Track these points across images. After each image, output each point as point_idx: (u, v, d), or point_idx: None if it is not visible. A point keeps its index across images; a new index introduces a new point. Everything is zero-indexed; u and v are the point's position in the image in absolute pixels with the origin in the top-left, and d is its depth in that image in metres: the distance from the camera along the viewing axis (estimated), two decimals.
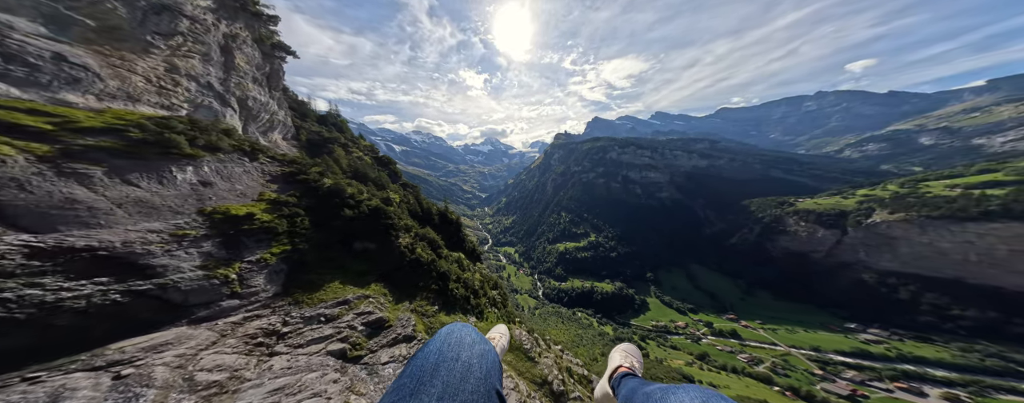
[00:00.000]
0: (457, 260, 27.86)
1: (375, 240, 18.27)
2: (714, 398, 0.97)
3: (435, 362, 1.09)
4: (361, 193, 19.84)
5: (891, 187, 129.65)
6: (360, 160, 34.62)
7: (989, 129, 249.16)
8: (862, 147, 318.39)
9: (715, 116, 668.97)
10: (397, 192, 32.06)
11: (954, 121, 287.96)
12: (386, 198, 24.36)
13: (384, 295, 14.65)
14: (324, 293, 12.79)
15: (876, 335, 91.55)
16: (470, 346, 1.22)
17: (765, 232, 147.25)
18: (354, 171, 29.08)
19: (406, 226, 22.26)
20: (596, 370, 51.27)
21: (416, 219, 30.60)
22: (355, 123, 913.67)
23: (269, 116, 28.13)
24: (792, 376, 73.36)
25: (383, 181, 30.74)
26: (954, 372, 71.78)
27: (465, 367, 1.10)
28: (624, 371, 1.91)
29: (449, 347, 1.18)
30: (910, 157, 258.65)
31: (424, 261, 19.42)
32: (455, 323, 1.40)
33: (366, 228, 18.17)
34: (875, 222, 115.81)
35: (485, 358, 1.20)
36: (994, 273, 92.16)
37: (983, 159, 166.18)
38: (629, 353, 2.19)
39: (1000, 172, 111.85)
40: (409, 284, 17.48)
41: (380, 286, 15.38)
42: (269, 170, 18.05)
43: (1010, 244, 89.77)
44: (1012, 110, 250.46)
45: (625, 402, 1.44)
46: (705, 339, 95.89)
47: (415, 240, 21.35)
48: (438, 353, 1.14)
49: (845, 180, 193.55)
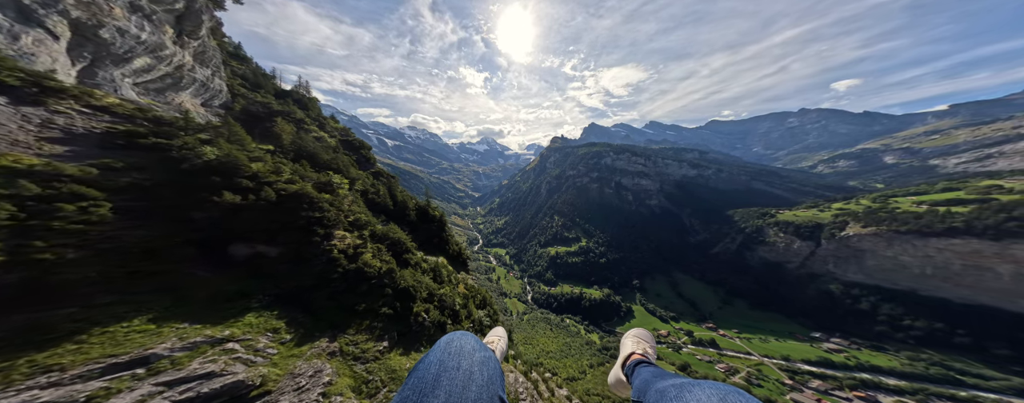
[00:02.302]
0: (433, 269, 23.42)
1: (282, 242, 12.50)
2: (733, 394, 0.95)
3: (436, 373, 1.08)
4: (276, 173, 14.19)
5: (864, 201, 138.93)
6: (320, 141, 29.51)
7: (945, 151, 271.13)
8: (833, 163, 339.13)
9: (705, 128, 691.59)
10: (363, 180, 27.34)
11: (916, 142, 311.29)
12: (324, 183, 18.12)
13: (275, 332, 9.31)
14: (84, 348, 6.25)
15: (838, 344, 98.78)
16: (471, 354, 1.20)
17: (746, 242, 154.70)
18: (298, 150, 23.58)
19: (356, 222, 16.91)
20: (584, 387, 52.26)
21: (383, 214, 26.56)
22: (347, 115, 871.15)
23: (169, 68, 20.49)
24: (764, 386, 78.28)
25: (341, 165, 25.48)
26: (904, 380, 78.90)
27: (467, 376, 1.09)
28: (637, 358, 1.90)
29: (450, 356, 1.17)
30: (874, 174, 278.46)
31: (372, 273, 13.74)
32: (455, 332, 1.39)
33: (265, 224, 12.09)
34: (848, 235, 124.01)
35: (486, 365, 1.19)
36: (945, 286, 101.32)
37: (938, 178, 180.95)
38: (641, 339, 2.19)
39: (962, 190, 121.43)
40: (340, 309, 12.29)
41: (270, 316, 9.87)
42: (75, 125, 11.31)
43: (965, 259, 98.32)
44: (968, 134, 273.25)
45: (639, 393, 1.42)
46: (685, 348, 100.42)
47: (365, 242, 15.92)
48: (439, 363, 1.13)
49: (817, 194, 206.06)
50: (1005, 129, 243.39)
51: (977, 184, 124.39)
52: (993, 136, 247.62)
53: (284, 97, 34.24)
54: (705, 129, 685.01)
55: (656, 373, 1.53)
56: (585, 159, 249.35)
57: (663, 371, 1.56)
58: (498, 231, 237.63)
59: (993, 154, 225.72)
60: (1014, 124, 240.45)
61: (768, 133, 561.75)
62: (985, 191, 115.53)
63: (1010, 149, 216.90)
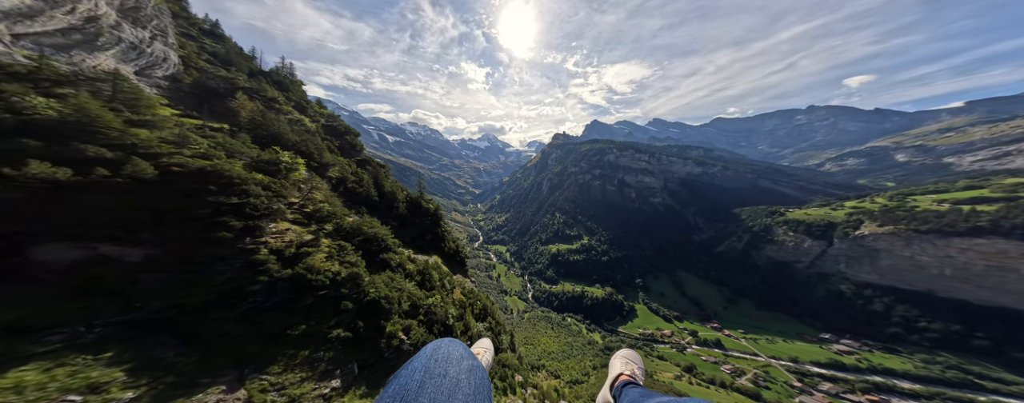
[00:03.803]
0: (421, 271, 20.84)
1: (154, 241, 8.37)
2: None
3: (421, 380, 1.04)
4: (179, 145, 10.21)
5: (880, 200, 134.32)
6: (298, 125, 26.73)
7: (961, 148, 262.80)
8: (842, 161, 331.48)
9: (709, 125, 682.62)
10: (342, 167, 24.56)
11: (930, 140, 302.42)
12: (265, 162, 13.22)
13: (96, 389, 5.50)
14: None
15: (848, 346, 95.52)
16: (458, 362, 1.16)
17: (753, 241, 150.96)
18: (258, 129, 20.27)
19: (315, 214, 13.12)
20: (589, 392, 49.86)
21: (364, 205, 24.24)
22: (348, 110, 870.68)
23: (73, 19, 15.77)
24: (773, 388, 75.52)
25: (312, 148, 22.34)
26: (919, 384, 75.58)
27: (453, 383, 1.05)
28: (626, 379, 1.90)
29: (436, 363, 1.13)
30: (884, 172, 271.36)
31: (321, 281, 10.10)
32: (442, 339, 1.34)
33: (123, 212, 8.08)
34: (863, 234, 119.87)
35: (474, 374, 1.15)
36: (965, 287, 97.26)
37: (952, 177, 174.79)
38: (630, 360, 2.18)
39: (986, 189, 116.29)
40: (258, 334, 8.61)
41: (93, 362, 5.88)
42: None
43: (989, 260, 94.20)
44: (985, 131, 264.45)
45: None
46: (690, 348, 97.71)
47: (317, 238, 12.30)
48: (424, 369, 1.09)
49: (826, 192, 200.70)
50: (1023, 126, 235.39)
51: (1002, 182, 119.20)
52: (1011, 133, 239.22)
53: (259, 77, 30.83)
54: (710, 127, 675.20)
55: (644, 394, 1.52)
56: (587, 156, 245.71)
57: (650, 391, 1.55)
58: (499, 228, 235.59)
59: (1011, 152, 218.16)
60: None
61: (774, 131, 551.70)
62: (1011, 189, 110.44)
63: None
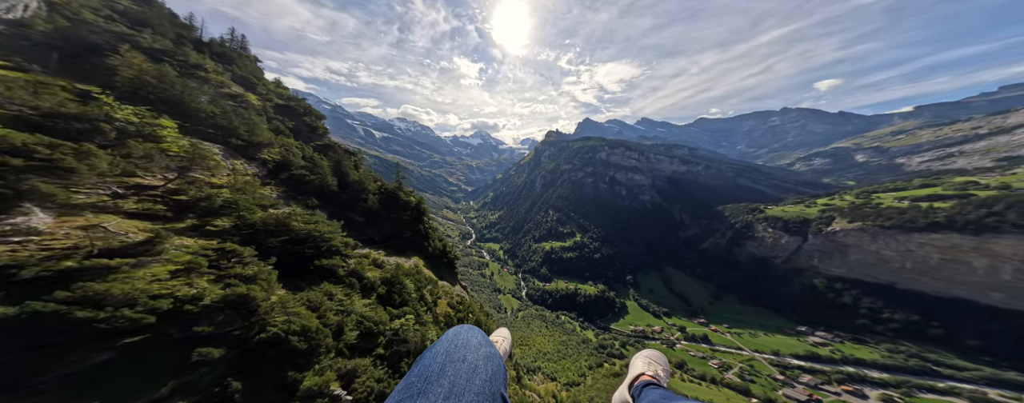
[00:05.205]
0: (387, 281, 16.82)
1: None
2: None
3: (442, 363, 1.10)
4: None
5: (848, 197, 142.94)
6: (238, 99, 22.08)
7: (910, 150, 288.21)
8: (809, 161, 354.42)
9: (693, 125, 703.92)
10: (290, 150, 19.79)
11: (884, 142, 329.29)
12: (69, 115, 9.27)
13: None
14: None
15: (822, 337, 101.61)
16: (476, 348, 1.22)
17: (735, 237, 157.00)
18: (143, 89, 13.90)
19: (215, 204, 9.90)
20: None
21: (314, 197, 19.93)
22: (330, 104, 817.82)
23: None
24: (758, 381, 78.44)
25: (236, 123, 17.30)
26: (887, 373, 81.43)
27: (471, 368, 1.11)
28: (647, 379, 1.83)
29: (456, 348, 1.18)
30: (846, 172, 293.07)
31: (133, 317, 6.49)
32: (462, 325, 1.40)
33: None
34: (834, 230, 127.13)
35: (491, 361, 1.20)
36: (922, 280, 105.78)
37: (905, 176, 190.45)
38: (653, 360, 2.12)
39: (939, 186, 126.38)
40: None
41: None
42: None
43: (944, 253, 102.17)
44: (931, 134, 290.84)
45: None
46: (679, 344, 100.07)
47: (159, 239, 8.70)
48: (445, 353, 1.15)
49: (797, 190, 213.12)
50: (964, 130, 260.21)
51: (952, 180, 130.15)
52: (953, 136, 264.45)
53: (193, 46, 23.13)
54: (693, 127, 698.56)
55: (665, 395, 1.49)
56: (580, 153, 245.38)
57: (672, 394, 1.51)
58: (492, 225, 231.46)
59: (953, 153, 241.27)
60: (973, 125, 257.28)
61: (751, 131, 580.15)
62: (962, 187, 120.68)
63: (969, 148, 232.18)
